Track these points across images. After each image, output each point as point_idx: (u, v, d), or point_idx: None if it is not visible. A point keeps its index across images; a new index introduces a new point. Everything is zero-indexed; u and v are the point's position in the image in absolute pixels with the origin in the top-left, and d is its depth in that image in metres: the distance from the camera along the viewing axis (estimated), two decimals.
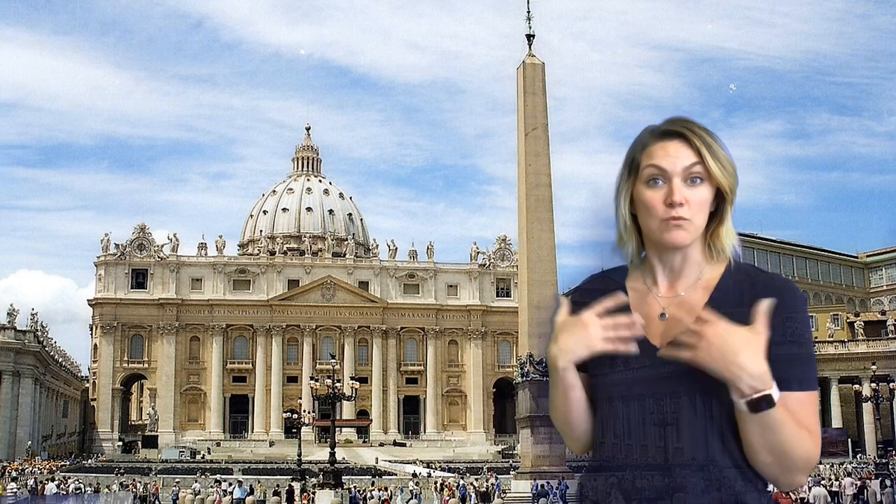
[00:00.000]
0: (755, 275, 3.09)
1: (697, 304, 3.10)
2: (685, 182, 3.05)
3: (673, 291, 3.19)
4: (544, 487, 47.12)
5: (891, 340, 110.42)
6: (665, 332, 3.13)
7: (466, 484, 65.54)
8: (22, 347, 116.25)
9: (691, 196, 3.05)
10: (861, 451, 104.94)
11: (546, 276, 51.03)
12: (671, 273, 3.20)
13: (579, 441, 3.35)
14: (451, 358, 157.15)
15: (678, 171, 3.05)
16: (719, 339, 2.81)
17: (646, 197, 3.09)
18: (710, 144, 3.06)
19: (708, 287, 3.13)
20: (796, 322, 2.97)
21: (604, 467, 3.27)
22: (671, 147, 3.07)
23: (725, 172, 3.06)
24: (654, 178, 3.08)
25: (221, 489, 58.20)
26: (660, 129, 3.13)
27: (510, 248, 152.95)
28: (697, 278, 3.16)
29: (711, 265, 3.16)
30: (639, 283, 3.27)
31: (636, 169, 3.13)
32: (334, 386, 58.97)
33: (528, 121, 52.10)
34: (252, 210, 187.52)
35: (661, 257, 3.20)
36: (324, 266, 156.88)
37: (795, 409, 2.93)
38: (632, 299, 3.24)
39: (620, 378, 3.19)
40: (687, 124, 3.10)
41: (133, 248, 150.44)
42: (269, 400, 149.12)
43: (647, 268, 3.26)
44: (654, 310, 3.20)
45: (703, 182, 3.06)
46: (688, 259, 3.16)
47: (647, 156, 3.10)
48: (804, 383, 2.96)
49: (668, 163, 3.06)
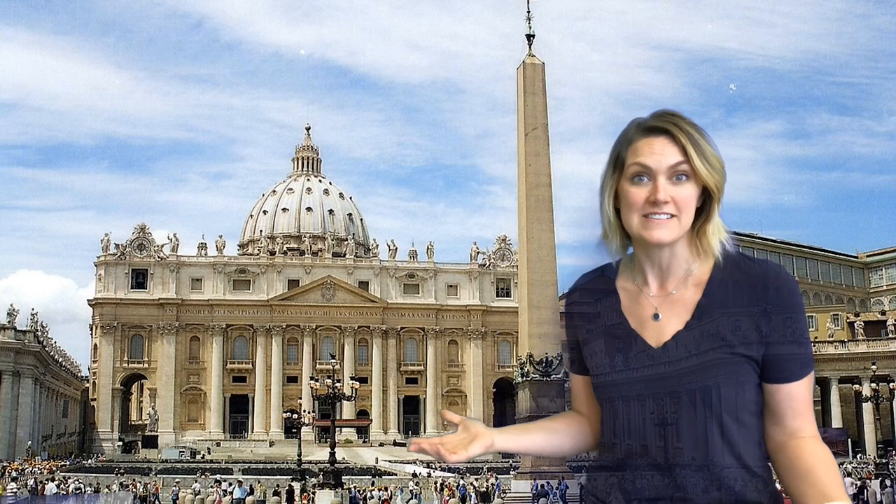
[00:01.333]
0: (745, 265, 3.05)
1: (691, 302, 3.08)
2: (670, 179, 3.00)
3: (664, 290, 3.15)
4: (544, 487, 47.12)
5: (891, 340, 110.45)
6: (659, 333, 3.12)
7: (466, 484, 65.53)
8: (22, 347, 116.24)
9: (676, 194, 2.99)
10: (861, 450, 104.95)
11: (546, 276, 51.03)
12: (660, 271, 3.16)
13: (576, 451, 3.43)
14: (451, 358, 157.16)
15: (663, 169, 2.99)
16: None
17: (629, 194, 3.04)
18: (696, 142, 2.99)
19: (699, 283, 3.09)
20: (789, 309, 2.98)
21: (604, 467, 3.27)
22: (657, 144, 3.01)
23: (712, 170, 3.00)
24: (638, 175, 3.03)
25: (221, 489, 58.21)
26: (645, 124, 3.07)
27: (510, 248, 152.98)
28: (687, 275, 3.12)
29: (700, 261, 3.12)
30: (629, 282, 3.24)
31: (621, 165, 3.08)
32: (334, 386, 58.96)
33: (528, 121, 52.10)
34: (252, 210, 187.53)
35: (648, 254, 3.15)
36: (324, 266, 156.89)
37: (792, 398, 3.01)
38: (623, 300, 3.22)
39: (620, 378, 3.18)
40: (673, 119, 3.03)
41: (133, 248, 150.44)
42: (269, 400, 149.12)
43: (636, 266, 3.23)
44: (647, 310, 3.17)
45: (689, 179, 3.00)
46: (675, 255, 3.12)
47: (632, 152, 3.05)
48: (801, 370, 3.01)
49: (653, 161, 3.00)
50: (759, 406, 3.05)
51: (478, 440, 3.12)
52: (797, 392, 3.01)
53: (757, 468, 3.03)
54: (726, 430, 2.99)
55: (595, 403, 3.34)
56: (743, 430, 3.01)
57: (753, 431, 3.04)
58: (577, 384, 3.45)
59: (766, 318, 2.96)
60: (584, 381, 3.39)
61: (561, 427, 3.43)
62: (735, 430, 3.00)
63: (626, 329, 3.19)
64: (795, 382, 3.01)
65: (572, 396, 3.50)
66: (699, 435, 3.02)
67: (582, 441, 3.42)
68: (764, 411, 3.06)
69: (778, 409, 3.03)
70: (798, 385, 3.01)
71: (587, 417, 3.42)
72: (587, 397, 3.39)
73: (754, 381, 3.02)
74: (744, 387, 3.01)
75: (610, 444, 3.25)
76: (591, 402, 3.37)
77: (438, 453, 3.10)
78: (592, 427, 3.40)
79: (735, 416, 3.00)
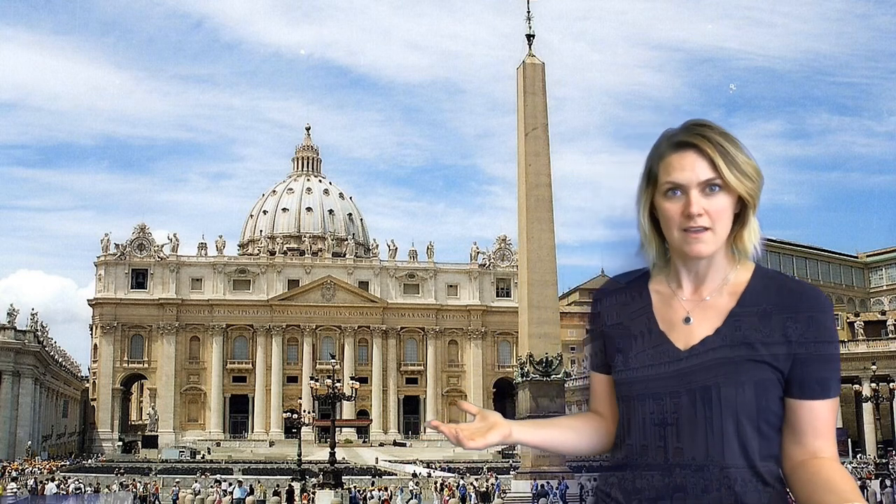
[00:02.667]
0: (782, 281, 3.07)
1: (724, 309, 3.10)
2: (703, 192, 3.02)
3: (698, 295, 3.18)
4: (544, 487, 47.11)
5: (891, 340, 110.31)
6: (688, 336, 3.13)
7: (466, 484, 65.50)
8: (22, 347, 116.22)
9: (710, 206, 3.01)
10: (861, 451, 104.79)
11: (546, 276, 51.05)
12: (696, 277, 3.18)
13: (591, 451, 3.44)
14: (451, 358, 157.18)
15: (694, 184, 3.02)
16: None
17: (665, 209, 3.08)
18: (726, 153, 3.00)
19: (735, 292, 3.11)
20: (821, 326, 2.97)
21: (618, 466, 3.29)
22: (687, 160, 3.03)
23: (744, 179, 3.01)
24: (672, 190, 3.06)
25: (221, 489, 58.17)
26: (675, 138, 3.09)
27: (510, 248, 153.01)
28: (723, 282, 3.14)
29: (736, 269, 3.14)
30: (663, 285, 3.26)
31: (654, 179, 3.12)
32: (334, 386, 58.94)
33: (528, 121, 52.10)
34: (252, 210, 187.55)
35: (685, 261, 3.18)
36: (324, 266, 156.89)
37: (815, 417, 2.99)
38: (655, 302, 3.25)
39: (639, 376, 3.20)
40: (703, 132, 3.05)
41: (133, 248, 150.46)
42: (269, 400, 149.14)
43: (671, 270, 3.25)
44: (679, 314, 3.19)
45: (722, 189, 3.02)
46: (713, 263, 3.14)
47: (663, 168, 3.08)
48: (827, 388, 3.00)
49: (684, 177, 3.02)
50: (780, 419, 3.04)
51: (496, 429, 3.14)
52: (820, 411, 3.00)
53: (770, 477, 3.02)
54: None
55: (614, 404, 3.35)
56: (761, 439, 3.01)
57: (771, 444, 3.03)
58: (597, 383, 3.44)
59: (796, 332, 2.97)
60: (605, 380, 3.40)
61: (579, 425, 3.44)
62: (751, 435, 2.99)
63: (655, 330, 3.21)
64: (819, 401, 2.99)
65: (591, 396, 3.49)
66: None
67: (598, 442, 3.43)
68: (784, 428, 3.04)
69: (798, 426, 3.01)
70: (822, 404, 2.99)
71: (605, 418, 3.42)
72: (607, 397, 3.39)
73: (777, 392, 3.01)
74: (764, 391, 3.00)
75: (626, 445, 3.27)
76: (610, 402, 3.38)
77: (457, 437, 3.10)
78: (609, 428, 3.40)
79: (754, 422, 2.99)
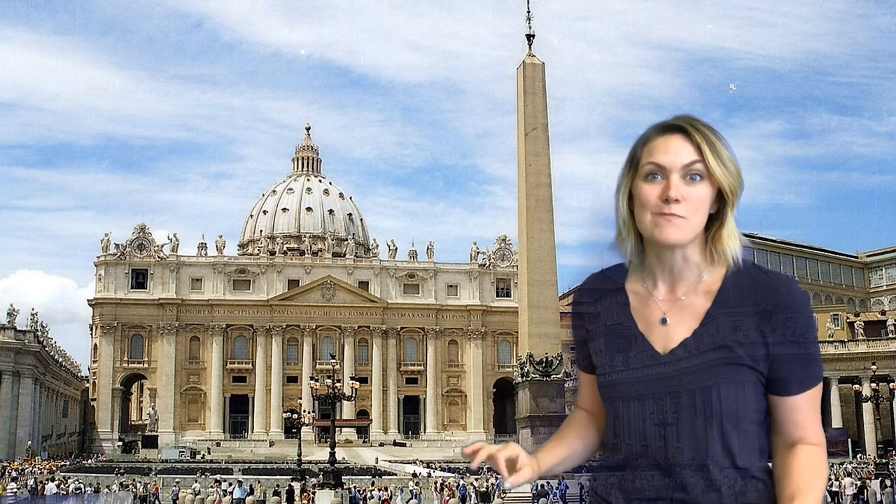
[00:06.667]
0: (757, 275, 3.02)
1: (700, 310, 3.06)
2: (684, 179, 2.98)
3: (673, 295, 3.13)
4: (544, 487, 47.12)
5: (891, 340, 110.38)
6: (667, 338, 3.10)
7: (466, 484, 65.47)
8: (22, 347, 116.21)
9: (689, 193, 2.97)
10: (861, 451, 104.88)
11: (546, 276, 51.08)
12: (671, 275, 3.13)
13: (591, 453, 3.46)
14: (451, 358, 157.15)
15: (677, 168, 2.98)
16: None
17: (642, 191, 3.02)
18: (712, 142, 2.98)
19: (710, 292, 3.07)
20: (797, 322, 2.95)
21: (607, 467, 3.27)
22: (672, 143, 3.00)
23: (727, 172, 2.99)
24: (652, 173, 3.01)
25: (221, 489, 58.13)
26: (663, 123, 3.07)
27: (510, 248, 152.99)
28: (697, 281, 3.10)
29: (712, 268, 3.09)
30: (638, 285, 3.21)
31: (636, 164, 3.07)
32: (334, 386, 58.94)
33: (528, 121, 52.13)
34: (252, 210, 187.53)
35: (659, 257, 3.12)
36: (324, 266, 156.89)
37: (794, 411, 3.00)
38: (632, 303, 3.20)
39: (624, 378, 3.17)
40: (690, 120, 3.04)
41: (133, 248, 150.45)
42: (269, 400, 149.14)
43: (646, 269, 3.20)
44: (655, 314, 3.15)
45: (703, 180, 2.98)
46: (687, 261, 3.09)
47: (647, 151, 3.04)
48: (805, 383, 2.99)
49: (668, 159, 2.99)
50: (763, 414, 3.04)
51: (524, 473, 3.14)
52: (800, 405, 3.00)
53: (756, 472, 3.02)
54: (727, 430, 2.98)
55: (601, 400, 3.34)
56: (743, 437, 3.00)
57: (754, 438, 3.02)
58: (584, 382, 3.44)
59: (772, 330, 2.94)
60: (591, 378, 3.38)
61: (582, 433, 3.45)
62: (735, 434, 2.98)
63: (634, 331, 3.17)
64: (798, 395, 2.99)
65: (579, 394, 3.49)
66: (699, 435, 3.01)
67: (592, 443, 3.43)
68: (769, 420, 3.06)
69: (780, 420, 3.03)
70: (801, 398, 3.00)
71: (594, 415, 3.42)
72: (595, 395, 3.38)
73: (758, 390, 3.01)
74: (745, 391, 2.98)
75: (612, 444, 3.25)
76: (598, 399, 3.36)
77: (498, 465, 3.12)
78: (599, 425, 3.40)
79: (736, 422, 2.98)
